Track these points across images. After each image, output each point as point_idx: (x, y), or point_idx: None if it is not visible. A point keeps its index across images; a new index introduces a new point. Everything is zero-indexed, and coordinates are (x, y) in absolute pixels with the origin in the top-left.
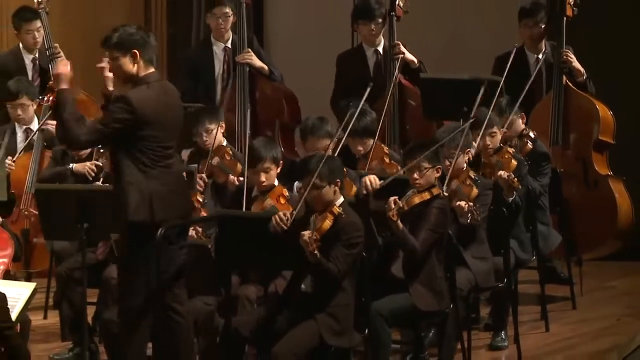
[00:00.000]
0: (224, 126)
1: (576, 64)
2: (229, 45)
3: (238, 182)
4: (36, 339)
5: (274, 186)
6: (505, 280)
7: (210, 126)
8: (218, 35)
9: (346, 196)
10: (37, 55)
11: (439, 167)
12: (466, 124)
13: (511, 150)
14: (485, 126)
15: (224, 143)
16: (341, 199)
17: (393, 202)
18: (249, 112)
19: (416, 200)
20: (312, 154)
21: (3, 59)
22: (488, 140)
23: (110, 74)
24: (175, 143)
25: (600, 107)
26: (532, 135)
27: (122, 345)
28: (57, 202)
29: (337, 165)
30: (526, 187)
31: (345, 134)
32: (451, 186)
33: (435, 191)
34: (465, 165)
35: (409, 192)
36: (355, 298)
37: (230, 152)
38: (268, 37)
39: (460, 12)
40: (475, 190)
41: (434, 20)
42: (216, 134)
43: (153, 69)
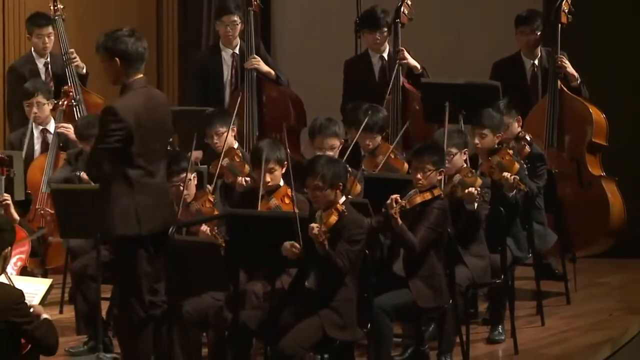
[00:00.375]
0: (235, 129)
1: (570, 69)
2: (237, 51)
3: (245, 182)
4: None
5: (279, 186)
6: (503, 277)
7: (222, 129)
8: (226, 41)
9: (350, 194)
10: (48, 59)
11: (442, 170)
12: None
13: (510, 151)
14: (477, 125)
15: (235, 146)
16: (343, 198)
17: (395, 200)
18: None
19: (418, 199)
20: (320, 155)
21: (19, 65)
22: (477, 139)
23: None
24: (162, 150)
25: (593, 110)
26: (528, 138)
27: (128, 350)
28: (72, 202)
29: (341, 169)
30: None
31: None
32: (453, 181)
33: (436, 192)
34: (463, 163)
35: (411, 191)
36: (359, 294)
37: (240, 154)
38: (275, 43)
39: (461, 20)
40: (479, 180)
41: (435, 28)
42: (227, 137)
43: (140, 75)
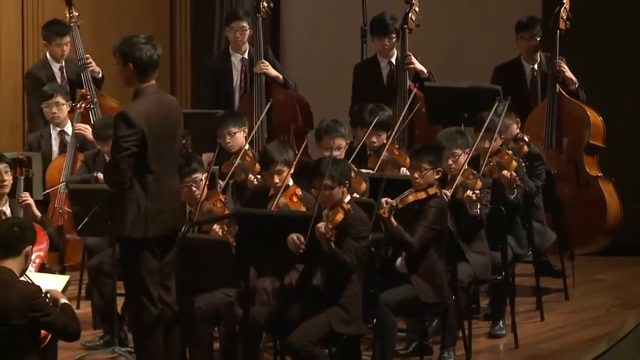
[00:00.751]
0: (247, 131)
1: (569, 73)
2: (246, 56)
3: (256, 180)
4: None
5: (288, 186)
6: (503, 274)
7: (234, 129)
8: (236, 47)
9: (356, 192)
10: (63, 64)
11: (439, 169)
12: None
13: (509, 151)
14: (484, 130)
15: (246, 147)
16: (348, 197)
17: (385, 201)
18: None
19: (410, 198)
20: (323, 158)
21: (36, 70)
22: (487, 144)
23: None
24: (174, 155)
25: (591, 113)
26: (526, 138)
27: (140, 352)
28: (88, 202)
29: (346, 167)
30: (524, 187)
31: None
32: (455, 182)
33: (431, 191)
34: (466, 164)
35: (406, 191)
36: (364, 290)
37: (251, 154)
38: (284, 48)
39: (462, 24)
40: (479, 182)
41: (437, 31)
42: (238, 137)
43: (153, 81)
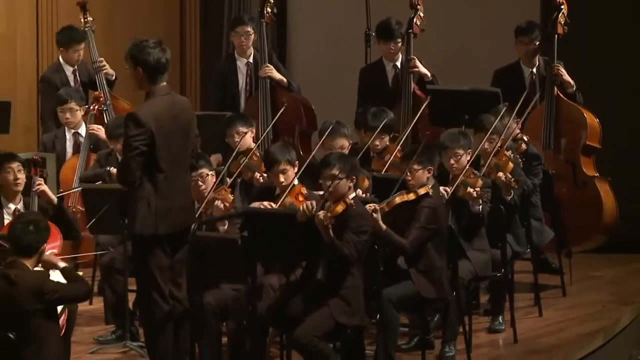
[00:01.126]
0: (254, 132)
1: (566, 77)
2: (251, 60)
3: (262, 178)
4: (82, 323)
5: (293, 185)
6: (503, 271)
7: (242, 129)
8: (241, 51)
9: (360, 187)
10: (76, 67)
11: (430, 168)
12: None
13: (508, 153)
14: (490, 132)
15: (253, 146)
16: (353, 194)
17: (371, 207)
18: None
19: (397, 200)
20: (332, 152)
21: (49, 74)
22: (487, 145)
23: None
24: (185, 154)
25: (587, 115)
26: (525, 138)
27: (151, 346)
28: (101, 200)
29: (356, 163)
30: (522, 187)
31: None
32: (457, 181)
33: (422, 191)
34: (467, 164)
35: (395, 194)
36: (367, 286)
37: (258, 154)
38: (291, 52)
39: (464, 30)
40: (480, 181)
41: (439, 36)
42: (246, 137)
43: (163, 83)
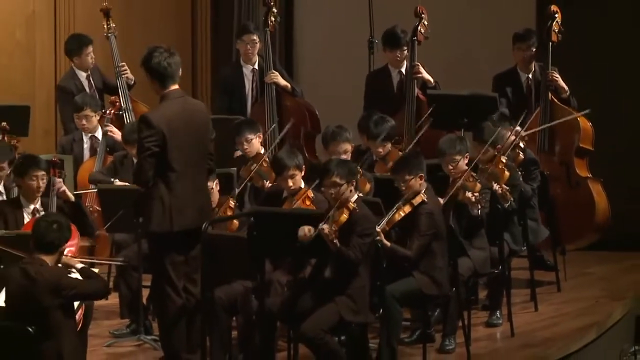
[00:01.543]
0: (262, 137)
1: (560, 82)
2: (256, 67)
3: (270, 187)
4: (99, 317)
5: (300, 188)
6: (500, 267)
7: (250, 136)
8: (246, 58)
9: (361, 191)
10: (89, 72)
11: (420, 174)
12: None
13: (504, 159)
14: (487, 142)
15: (262, 151)
16: (355, 196)
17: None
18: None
19: (397, 217)
20: (331, 158)
21: (64, 82)
22: (481, 154)
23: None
24: (199, 154)
25: (581, 119)
26: (522, 145)
27: (164, 339)
28: (117, 201)
29: (353, 167)
30: (519, 191)
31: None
32: (457, 184)
33: (416, 201)
34: (466, 167)
35: (392, 210)
36: (371, 282)
37: (268, 161)
38: (296, 58)
39: (465, 37)
40: (478, 185)
41: (441, 44)
42: (254, 143)
43: (175, 86)
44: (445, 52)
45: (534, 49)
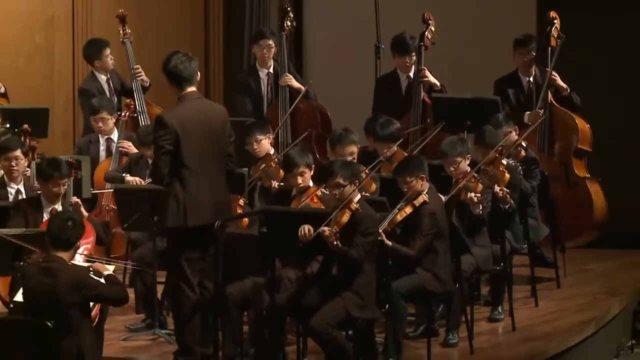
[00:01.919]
0: (272, 137)
1: (559, 82)
2: (271, 70)
3: (277, 186)
4: (115, 312)
5: (309, 187)
6: (502, 264)
7: (260, 137)
8: (262, 63)
9: (367, 191)
10: (109, 76)
11: (422, 175)
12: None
13: (504, 161)
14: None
15: (271, 152)
16: (358, 196)
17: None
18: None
19: (398, 218)
20: (335, 160)
21: (86, 85)
22: (482, 156)
23: None
24: (214, 152)
25: (579, 121)
26: (523, 144)
27: (179, 333)
28: (132, 200)
29: (356, 168)
30: (520, 189)
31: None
32: (459, 184)
33: (418, 202)
34: (468, 168)
35: (395, 210)
36: (377, 279)
37: (276, 161)
38: (306, 62)
39: (465, 42)
40: (480, 186)
41: (443, 50)
42: (263, 143)
43: (192, 88)
44: (448, 57)
45: (533, 53)
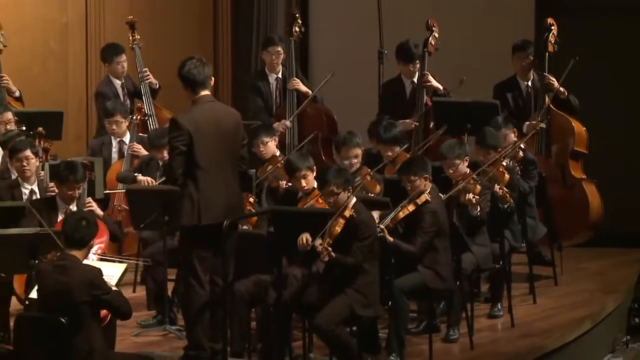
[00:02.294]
0: (277, 139)
1: (557, 85)
2: (280, 75)
3: (286, 186)
4: None
5: (313, 188)
6: (501, 263)
7: (266, 139)
8: (271, 68)
9: (372, 192)
10: (123, 81)
11: (425, 175)
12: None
13: (504, 162)
14: (488, 146)
15: (277, 153)
16: (354, 200)
17: (379, 230)
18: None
19: (400, 215)
20: (328, 166)
21: (102, 88)
22: (482, 156)
23: None
24: (226, 153)
25: (575, 124)
26: (522, 145)
27: (189, 328)
28: (144, 200)
29: (349, 174)
30: (518, 189)
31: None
32: (458, 186)
33: (420, 200)
34: (467, 169)
35: (397, 208)
36: (380, 277)
37: (282, 162)
38: (312, 67)
39: (466, 47)
40: (478, 187)
41: (444, 55)
42: (269, 145)
43: (206, 92)
44: (449, 62)
45: (531, 57)
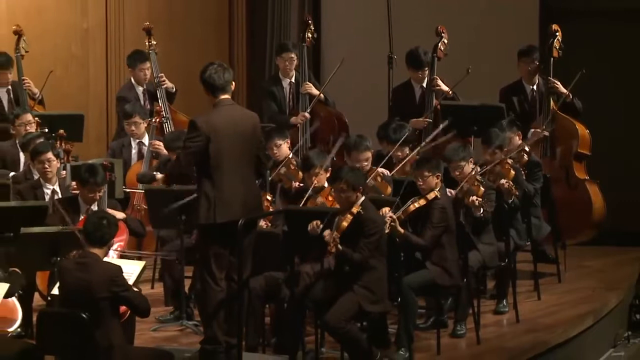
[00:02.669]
0: (290, 142)
1: (561, 88)
2: (293, 80)
3: (298, 187)
4: None
5: (324, 187)
6: (507, 260)
7: (279, 142)
8: (285, 73)
9: (383, 193)
10: (145, 86)
11: (438, 174)
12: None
13: (510, 161)
14: (494, 146)
15: (290, 155)
16: (362, 199)
17: (389, 218)
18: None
19: (412, 208)
20: (344, 166)
21: (124, 92)
22: (489, 156)
23: None
24: (243, 155)
25: (579, 127)
26: (527, 148)
27: (205, 324)
28: (162, 200)
29: (360, 175)
30: (523, 190)
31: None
32: (463, 188)
33: (431, 196)
34: (472, 171)
35: (408, 202)
36: (389, 274)
37: (295, 163)
38: (324, 72)
39: (471, 52)
40: (482, 189)
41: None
42: (282, 147)
43: (225, 96)
44: (456, 67)
45: (536, 62)
